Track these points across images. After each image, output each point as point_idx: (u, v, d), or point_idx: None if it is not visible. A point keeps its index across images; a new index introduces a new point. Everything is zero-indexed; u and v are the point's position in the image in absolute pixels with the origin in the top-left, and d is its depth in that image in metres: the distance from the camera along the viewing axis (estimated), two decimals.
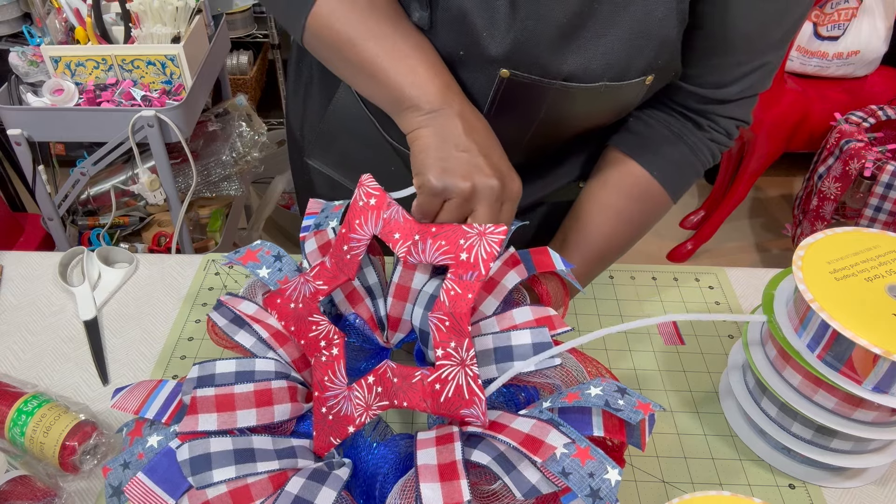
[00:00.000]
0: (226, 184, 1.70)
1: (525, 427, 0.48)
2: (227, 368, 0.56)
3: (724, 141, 0.72)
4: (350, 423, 0.54)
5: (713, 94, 0.68)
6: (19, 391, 0.64)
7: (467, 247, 0.55)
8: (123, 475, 0.50)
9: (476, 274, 0.54)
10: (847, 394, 0.55)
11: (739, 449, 0.65)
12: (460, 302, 0.53)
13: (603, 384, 0.50)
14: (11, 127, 1.35)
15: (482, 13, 0.59)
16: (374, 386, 0.54)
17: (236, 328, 0.61)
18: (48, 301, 0.80)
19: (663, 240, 2.31)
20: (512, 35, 0.59)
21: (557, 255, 0.62)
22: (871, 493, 0.62)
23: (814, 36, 1.97)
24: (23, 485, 0.56)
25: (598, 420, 0.49)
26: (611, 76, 0.62)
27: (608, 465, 0.45)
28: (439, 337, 0.53)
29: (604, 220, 0.72)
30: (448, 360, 0.52)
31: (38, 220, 1.66)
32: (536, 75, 0.62)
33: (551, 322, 0.57)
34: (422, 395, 0.52)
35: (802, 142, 2.01)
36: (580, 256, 0.71)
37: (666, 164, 0.71)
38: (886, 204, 1.73)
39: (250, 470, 0.49)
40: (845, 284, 0.56)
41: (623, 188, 0.72)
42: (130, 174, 1.63)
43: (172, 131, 1.33)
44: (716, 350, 0.75)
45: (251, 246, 0.67)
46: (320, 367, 0.57)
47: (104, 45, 1.38)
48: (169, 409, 0.54)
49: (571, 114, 0.67)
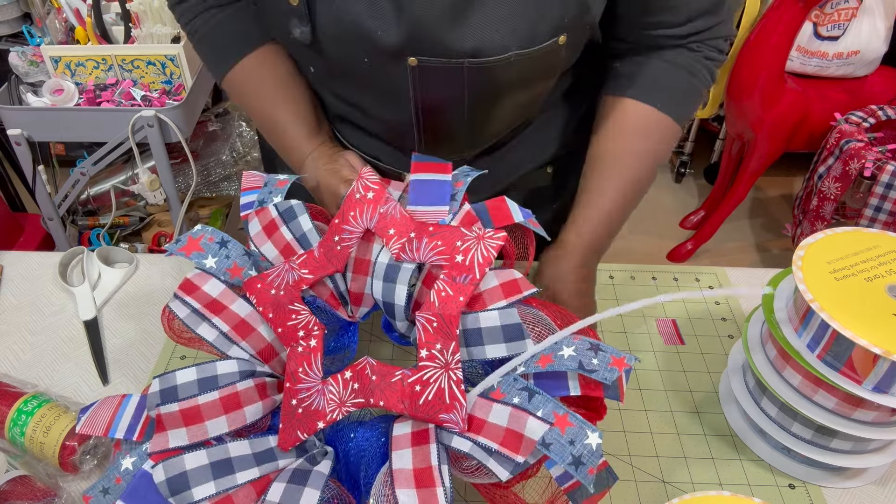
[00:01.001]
0: (226, 184, 1.70)
1: (502, 419, 0.47)
2: (188, 377, 0.54)
3: (718, 57, 0.72)
4: (320, 419, 0.53)
5: (687, 28, 0.68)
6: (19, 391, 0.64)
7: (464, 249, 0.55)
8: (105, 501, 0.50)
9: (470, 277, 0.53)
10: (847, 394, 0.55)
11: (739, 449, 0.65)
12: (451, 304, 0.53)
13: (575, 343, 0.50)
14: (11, 127, 1.35)
15: (370, 13, 0.60)
16: (350, 382, 0.53)
17: (198, 320, 0.58)
18: (48, 301, 0.79)
19: (663, 240, 2.31)
20: (404, 24, 0.60)
21: (515, 204, 0.60)
22: (871, 493, 0.62)
23: (814, 36, 1.97)
24: (23, 485, 0.56)
25: (573, 382, 0.49)
26: (518, 45, 0.61)
27: (588, 430, 0.45)
28: (425, 337, 0.52)
29: (622, 165, 0.71)
30: (432, 361, 0.52)
31: (38, 220, 1.66)
32: (442, 56, 0.62)
33: (517, 286, 0.55)
34: (400, 396, 0.51)
35: (802, 142, 2.01)
36: (601, 215, 0.70)
37: (665, 94, 0.71)
38: (886, 204, 1.73)
39: (230, 483, 0.48)
40: (845, 284, 0.56)
41: (631, 129, 0.71)
42: (130, 174, 1.63)
43: (172, 131, 1.33)
44: (716, 350, 0.75)
45: (192, 233, 0.62)
46: (295, 358, 0.56)
47: (104, 45, 1.38)
48: (137, 425, 0.53)
49: (497, 89, 0.67)
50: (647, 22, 0.67)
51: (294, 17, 0.63)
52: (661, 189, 2.55)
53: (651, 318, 0.78)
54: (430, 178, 0.63)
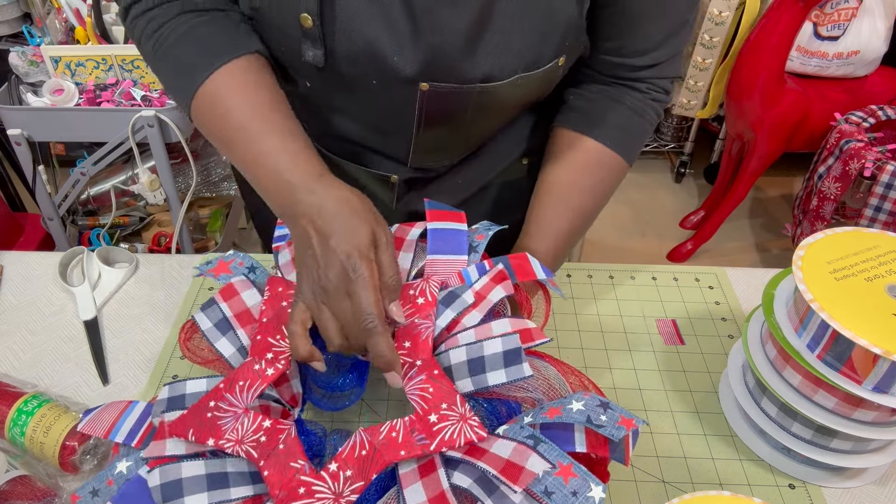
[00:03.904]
0: (226, 184, 1.70)
1: (505, 452, 0.47)
2: (197, 388, 0.54)
3: (663, 98, 0.74)
4: (216, 437, 0.50)
5: (641, 61, 0.70)
6: (19, 391, 0.64)
7: (441, 416, 0.51)
8: (93, 503, 0.49)
9: (424, 444, 0.49)
10: (847, 394, 0.55)
11: (739, 449, 0.65)
12: (390, 448, 0.49)
13: (585, 398, 0.49)
14: (11, 127, 1.35)
15: (388, 39, 0.60)
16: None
17: (219, 334, 0.58)
18: (48, 301, 0.80)
19: (663, 240, 2.31)
20: (421, 52, 0.60)
21: (537, 262, 0.61)
22: (871, 493, 0.62)
23: (814, 36, 1.97)
24: (23, 485, 0.56)
25: (580, 436, 0.48)
26: (524, 68, 0.63)
27: (591, 483, 0.44)
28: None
29: (568, 199, 0.72)
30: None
31: (38, 220, 1.66)
32: (455, 83, 0.63)
33: (530, 334, 0.55)
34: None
35: (802, 142, 2.01)
36: (553, 239, 0.71)
37: (615, 132, 0.72)
38: (886, 204, 1.73)
39: (223, 497, 0.48)
40: (845, 284, 0.56)
41: (579, 164, 0.73)
42: (130, 174, 1.63)
43: (172, 131, 1.33)
44: (716, 350, 0.75)
45: (224, 256, 0.65)
46: (247, 372, 0.54)
47: (104, 45, 1.38)
48: (139, 432, 0.53)
49: (496, 106, 0.68)
50: (608, 47, 0.69)
51: (307, 40, 0.61)
52: (661, 189, 2.55)
53: (651, 318, 0.78)
54: (447, 226, 0.64)
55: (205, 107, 0.61)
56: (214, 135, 0.63)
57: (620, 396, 0.70)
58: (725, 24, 1.99)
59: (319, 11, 0.59)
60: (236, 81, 0.61)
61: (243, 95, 0.60)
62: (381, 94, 0.66)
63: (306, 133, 0.62)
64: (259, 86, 0.61)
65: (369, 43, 0.60)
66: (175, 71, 0.63)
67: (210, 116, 0.62)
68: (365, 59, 0.62)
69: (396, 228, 0.66)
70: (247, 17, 0.65)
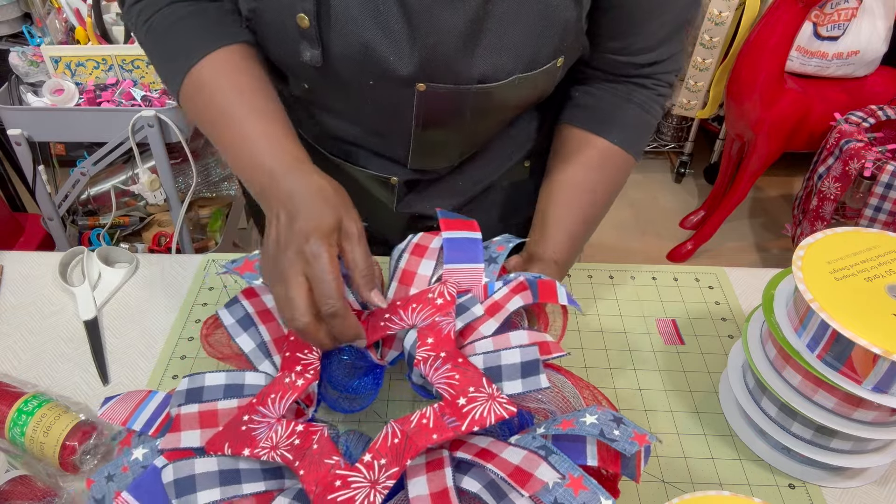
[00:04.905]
0: (226, 184, 1.70)
1: (515, 458, 0.47)
2: (216, 381, 0.55)
3: (667, 92, 0.75)
4: (252, 447, 0.50)
5: (647, 58, 0.70)
6: (19, 391, 0.64)
7: (469, 398, 0.52)
8: (107, 488, 0.50)
9: (456, 425, 0.50)
10: (847, 394, 0.55)
11: (739, 449, 0.65)
12: (421, 436, 0.50)
13: (599, 412, 0.49)
14: (11, 127, 1.35)
15: (384, 39, 0.60)
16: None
17: (240, 330, 0.60)
18: (48, 301, 0.80)
19: (663, 240, 2.31)
20: (417, 52, 0.60)
21: (563, 289, 0.62)
22: (870, 493, 0.62)
23: (814, 36, 1.97)
24: (23, 485, 0.56)
25: (592, 449, 0.48)
26: (522, 69, 0.63)
27: (601, 496, 0.44)
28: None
29: (581, 198, 0.73)
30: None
31: (38, 220, 1.66)
32: (452, 84, 0.63)
33: (547, 347, 0.56)
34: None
35: (802, 142, 2.01)
36: (568, 240, 0.71)
37: (621, 129, 0.73)
38: (886, 204, 1.73)
39: (235, 492, 0.48)
40: (845, 284, 0.56)
41: (588, 162, 0.73)
42: (130, 174, 1.62)
43: (172, 131, 1.33)
44: (716, 350, 0.75)
45: (249, 256, 0.66)
46: (277, 385, 0.55)
47: (104, 45, 1.38)
48: (156, 421, 0.54)
49: (494, 107, 0.68)
50: (614, 47, 0.69)
51: (304, 40, 0.62)
52: (661, 189, 2.55)
53: (651, 318, 0.78)
54: (461, 235, 0.64)
55: (191, 92, 0.63)
56: (199, 119, 0.64)
57: (620, 396, 0.70)
58: (725, 24, 1.99)
59: (316, 11, 0.59)
60: (222, 68, 0.62)
61: (227, 80, 0.62)
62: (379, 94, 0.66)
63: (303, 132, 0.63)
64: (243, 71, 0.62)
65: (365, 43, 0.60)
66: (165, 58, 0.66)
67: (196, 102, 0.63)
68: (361, 59, 0.62)
69: (420, 237, 0.67)
70: (245, 18, 0.65)
